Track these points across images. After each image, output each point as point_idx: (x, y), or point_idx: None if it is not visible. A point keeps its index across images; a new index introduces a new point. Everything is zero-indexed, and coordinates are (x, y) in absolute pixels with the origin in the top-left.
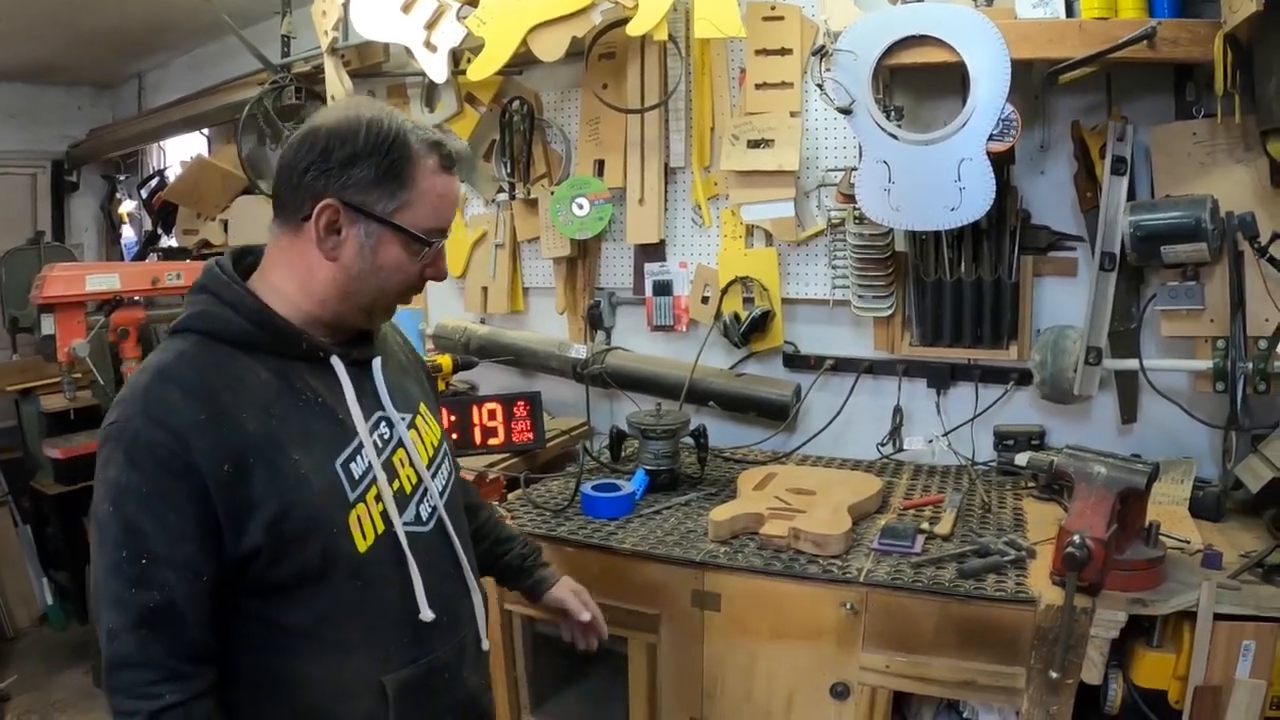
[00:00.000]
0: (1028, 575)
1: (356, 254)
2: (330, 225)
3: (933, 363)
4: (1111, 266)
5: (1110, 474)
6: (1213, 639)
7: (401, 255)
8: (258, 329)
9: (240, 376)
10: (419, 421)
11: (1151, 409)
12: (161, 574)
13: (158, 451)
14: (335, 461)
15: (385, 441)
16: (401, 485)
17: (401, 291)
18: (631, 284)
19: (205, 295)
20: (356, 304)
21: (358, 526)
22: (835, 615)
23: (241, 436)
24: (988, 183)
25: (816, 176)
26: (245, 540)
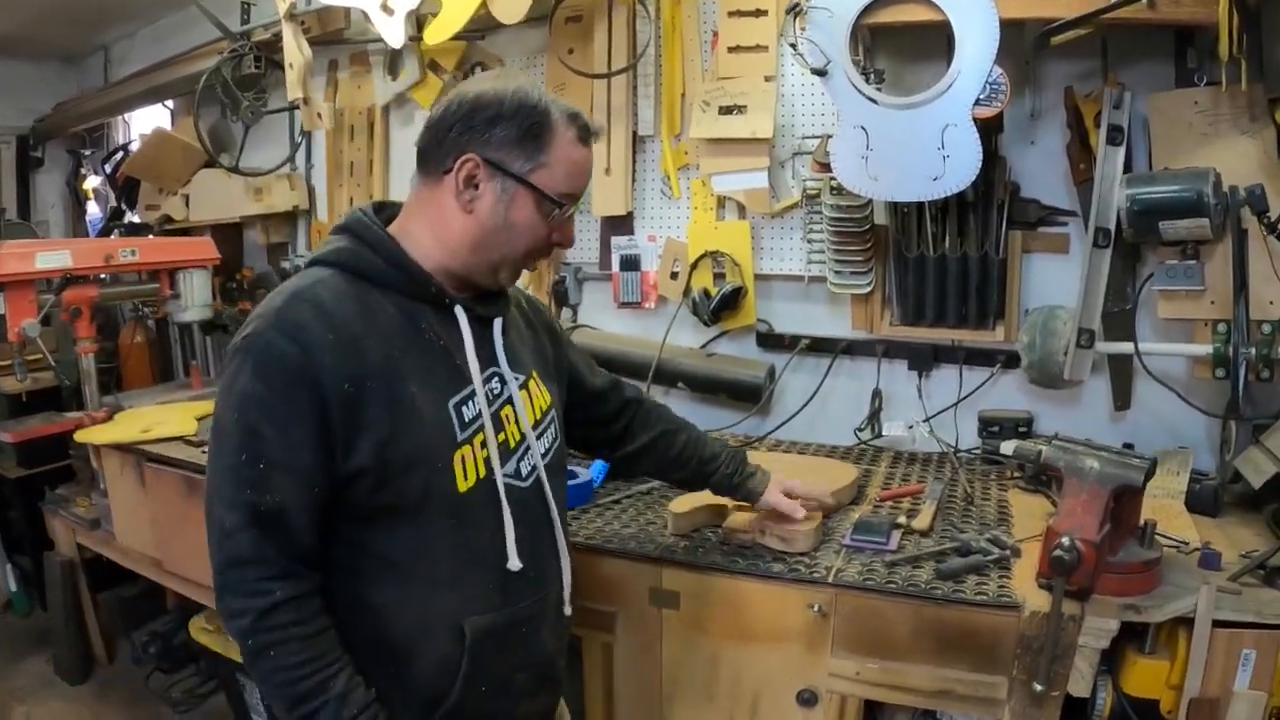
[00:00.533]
0: (1011, 577)
1: (491, 208)
2: (469, 178)
3: (914, 343)
4: (1106, 243)
5: (1104, 469)
6: (1210, 647)
7: (533, 215)
8: (392, 268)
9: (370, 308)
10: (531, 385)
11: (1146, 396)
12: (279, 478)
13: (287, 363)
14: (449, 401)
15: (495, 396)
16: (506, 439)
17: (529, 251)
18: (598, 259)
19: (347, 235)
20: (486, 258)
21: (460, 466)
22: (802, 617)
23: (364, 360)
24: (974, 151)
25: (792, 145)
26: (354, 459)
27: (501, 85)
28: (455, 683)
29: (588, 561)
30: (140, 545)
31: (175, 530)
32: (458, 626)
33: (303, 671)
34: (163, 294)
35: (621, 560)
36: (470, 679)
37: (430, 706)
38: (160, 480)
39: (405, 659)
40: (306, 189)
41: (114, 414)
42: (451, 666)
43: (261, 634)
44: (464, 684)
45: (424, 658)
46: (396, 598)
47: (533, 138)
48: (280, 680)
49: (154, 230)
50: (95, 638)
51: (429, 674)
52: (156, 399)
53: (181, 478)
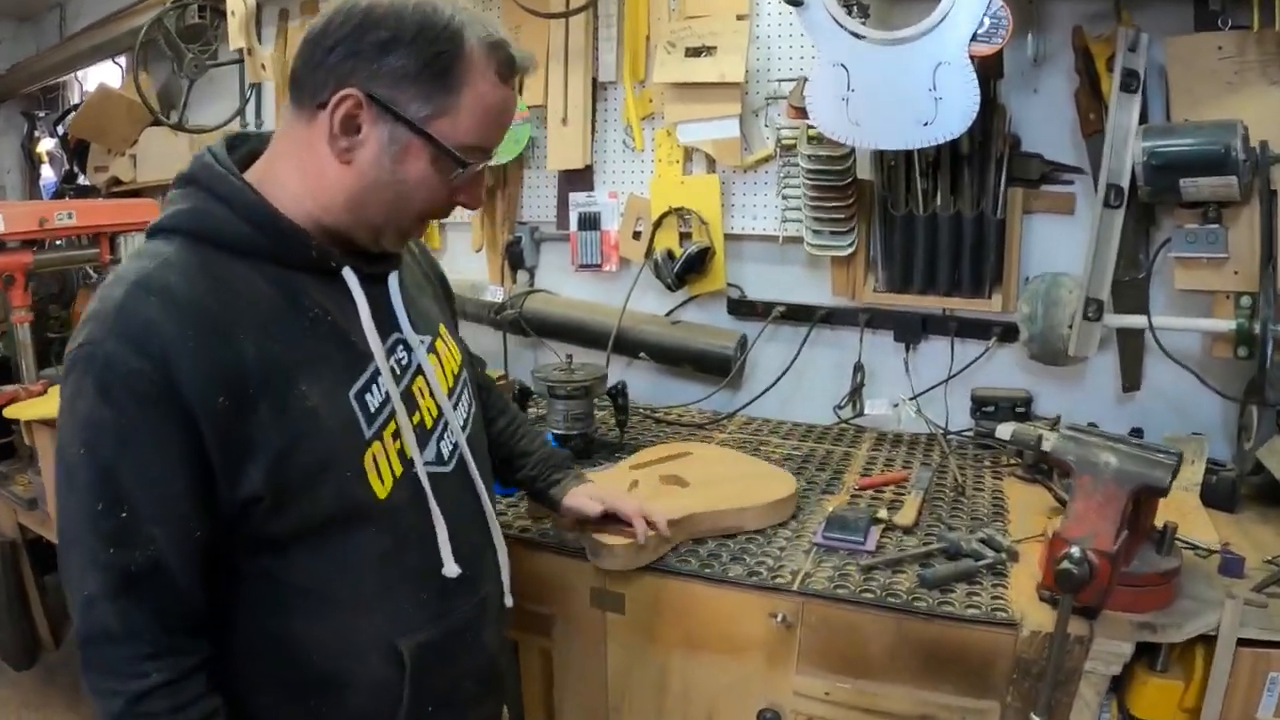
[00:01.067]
0: (1007, 586)
1: (375, 160)
2: (348, 121)
3: (901, 312)
4: (1119, 202)
5: (1122, 466)
6: (1234, 669)
7: (429, 172)
8: (258, 231)
9: (235, 288)
10: (439, 345)
11: (1157, 375)
12: (145, 529)
13: (135, 382)
14: (349, 391)
15: (403, 368)
16: (422, 419)
17: (422, 214)
18: (555, 217)
19: (195, 188)
20: (365, 219)
21: (374, 468)
22: (763, 627)
23: (238, 361)
24: (970, 93)
25: (767, 90)
26: (243, 486)
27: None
28: (398, 708)
29: (523, 556)
30: None
31: None
32: (392, 648)
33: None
34: (102, 259)
35: (560, 557)
36: (414, 701)
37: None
38: None
39: (336, 692)
40: None
41: (49, 387)
42: (391, 692)
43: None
44: (409, 708)
45: (358, 688)
46: (317, 627)
47: (438, 73)
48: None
49: (102, 193)
50: (40, 621)
51: (366, 704)
52: None
53: None
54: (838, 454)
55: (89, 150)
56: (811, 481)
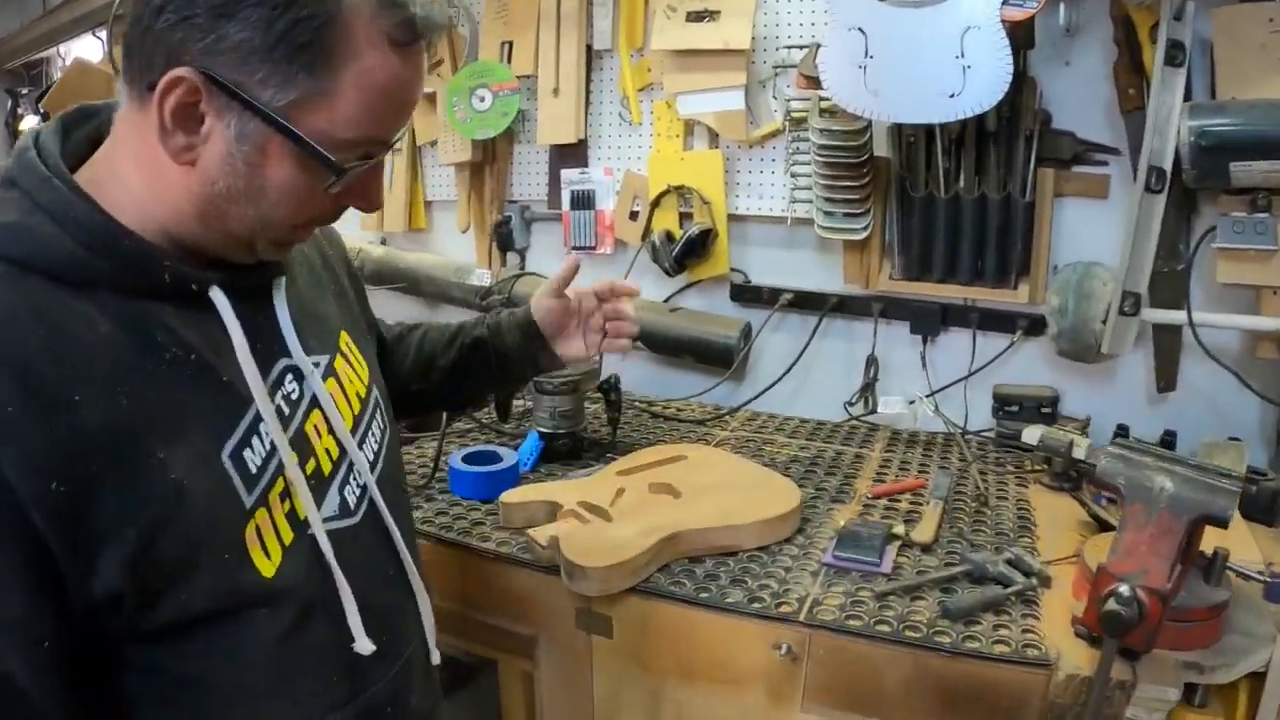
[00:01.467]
0: (1039, 617)
1: (223, 162)
2: (183, 110)
3: (919, 302)
4: (1160, 186)
5: (1179, 492)
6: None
7: (296, 176)
8: (92, 254)
9: (71, 333)
10: (340, 364)
11: (1193, 375)
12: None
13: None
14: (222, 451)
15: (293, 404)
16: (318, 465)
17: (300, 224)
18: (546, 196)
19: (16, 195)
20: (226, 233)
21: (258, 542)
22: (766, 659)
23: (75, 435)
24: (1002, 62)
25: (775, 58)
26: (96, 584)
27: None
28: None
29: (502, 572)
30: None
31: None
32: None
33: None
34: None
35: (541, 573)
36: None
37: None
38: None
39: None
40: None
41: None
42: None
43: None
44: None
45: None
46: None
47: (302, 45)
48: None
49: None
50: None
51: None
52: None
53: None
54: (848, 456)
55: None
56: (820, 488)
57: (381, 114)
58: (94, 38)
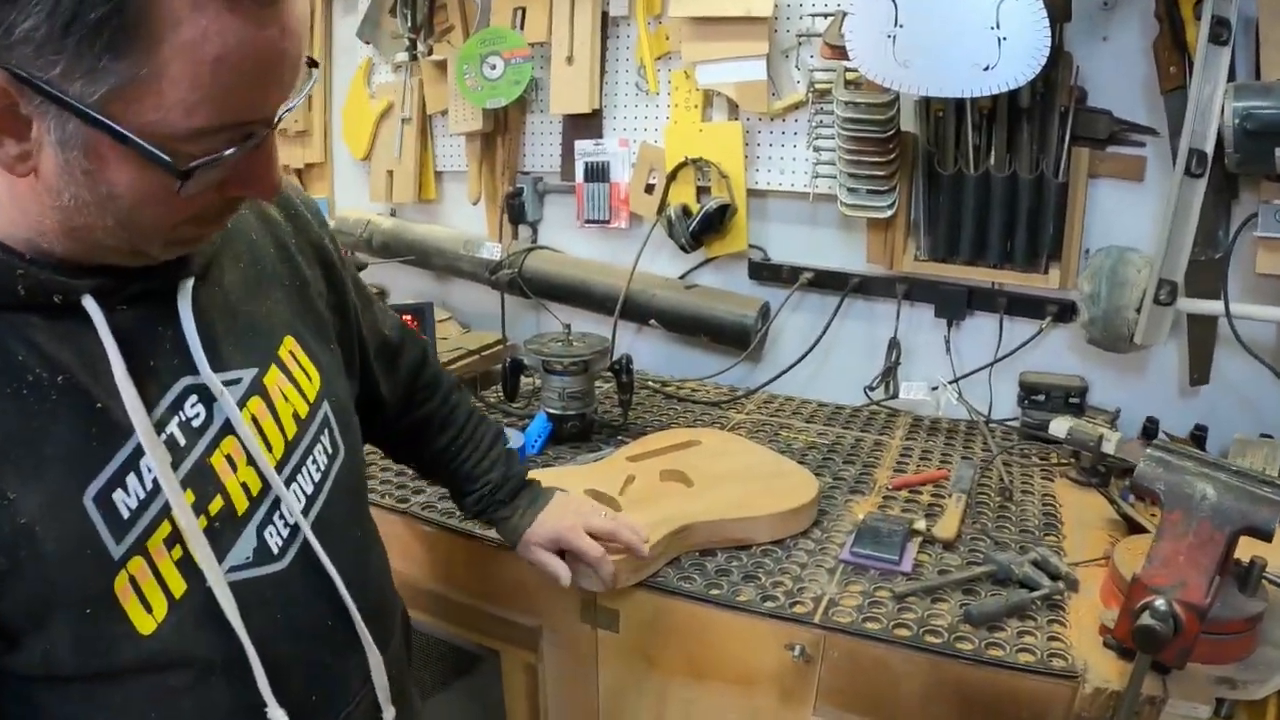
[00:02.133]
0: (1065, 624)
1: (60, 172)
2: (5, 115)
3: (944, 284)
4: (1201, 170)
5: (1222, 501)
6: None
7: (142, 181)
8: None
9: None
10: (273, 378)
11: (1227, 368)
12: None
13: None
14: (85, 493)
15: (195, 432)
16: (229, 503)
17: (181, 224)
18: (559, 167)
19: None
20: (97, 244)
21: (133, 594)
22: (778, 659)
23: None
24: (1039, 35)
25: (799, 26)
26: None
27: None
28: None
29: (505, 561)
30: None
31: None
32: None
33: None
34: None
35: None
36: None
37: None
38: None
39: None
40: None
41: None
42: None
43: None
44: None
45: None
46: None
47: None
48: None
49: None
50: None
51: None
52: None
53: None
54: (868, 443)
55: None
56: (838, 477)
57: (230, 89)
58: None
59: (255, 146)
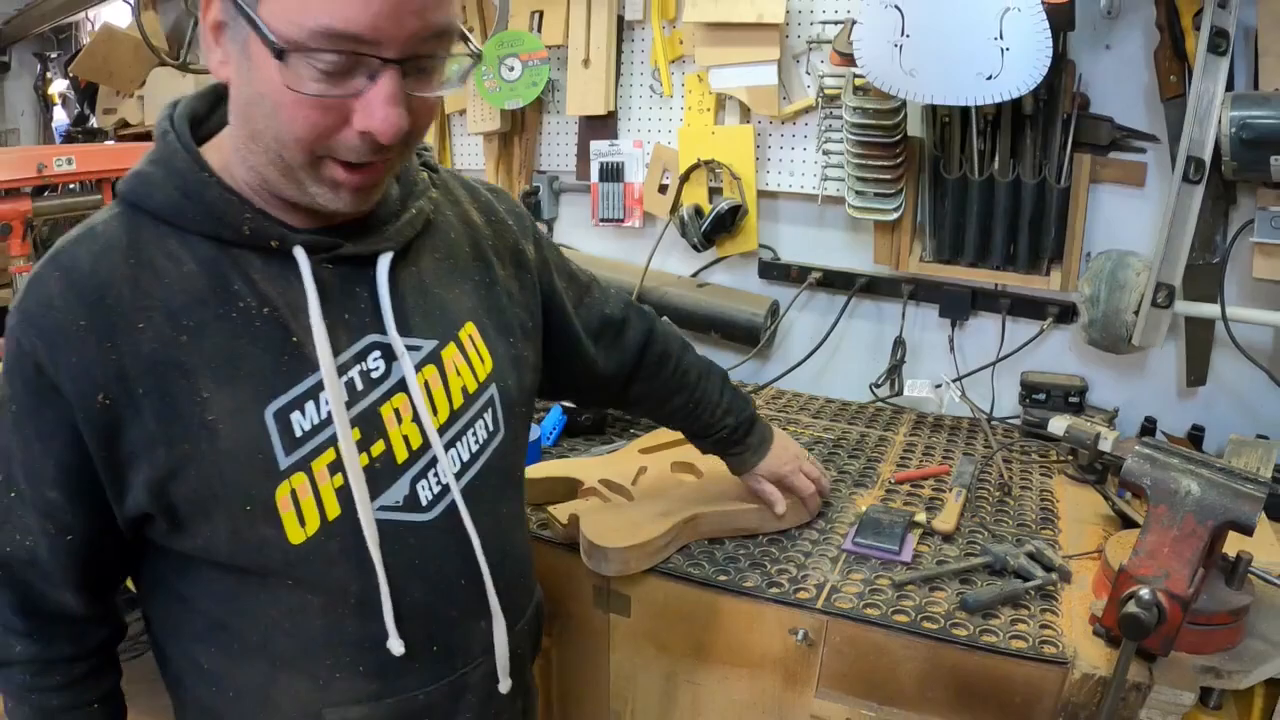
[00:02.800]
0: (1058, 613)
1: (236, 72)
2: (217, 27)
3: (949, 285)
4: (1199, 177)
5: (1205, 496)
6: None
7: (273, 76)
8: (187, 199)
9: (156, 267)
10: (450, 353)
11: (1224, 370)
12: (25, 516)
13: (24, 364)
14: (267, 406)
15: (372, 381)
16: (390, 449)
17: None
18: (575, 167)
19: (152, 148)
20: (266, 158)
21: (292, 505)
22: (782, 644)
23: (130, 354)
24: (1041, 44)
25: (809, 33)
26: (128, 500)
27: None
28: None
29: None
30: None
31: None
32: (317, 716)
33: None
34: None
35: (560, 549)
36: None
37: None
38: None
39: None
40: None
41: None
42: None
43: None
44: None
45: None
46: (232, 669)
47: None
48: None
49: (111, 135)
50: None
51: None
52: None
53: None
54: (873, 438)
55: (99, 91)
56: (843, 471)
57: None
58: (123, 2)
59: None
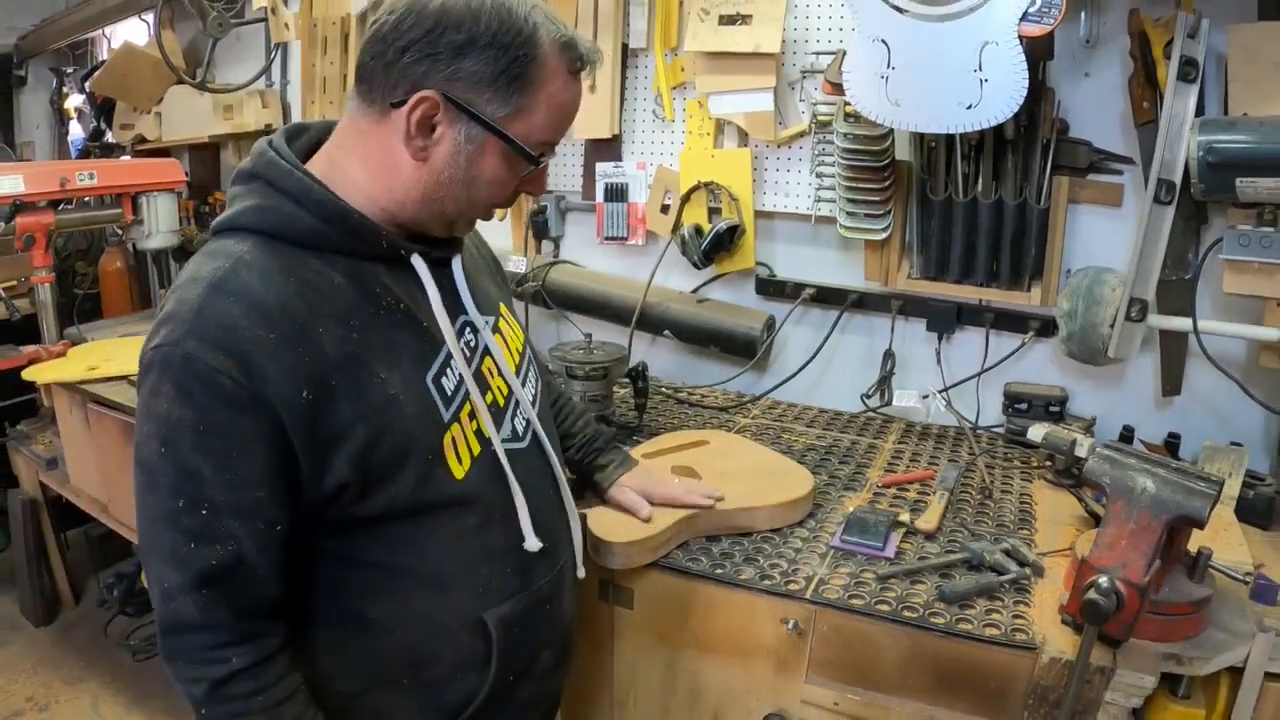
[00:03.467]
0: (1030, 604)
1: (449, 158)
2: (425, 121)
3: (935, 301)
4: (1169, 198)
5: (1159, 494)
6: (1259, 703)
7: (501, 168)
8: (327, 224)
9: (312, 283)
10: (502, 325)
11: (1199, 381)
12: (225, 525)
13: (217, 381)
14: (426, 377)
15: (472, 350)
16: (495, 398)
17: (490, 205)
18: (581, 187)
19: (260, 184)
20: (438, 211)
21: (453, 450)
22: (774, 632)
23: (320, 355)
24: (1018, 76)
25: (803, 62)
26: (330, 477)
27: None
28: (484, 680)
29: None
30: (89, 487)
31: (117, 475)
32: (479, 622)
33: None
34: (125, 220)
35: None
36: (499, 674)
37: (455, 711)
38: (102, 423)
39: (420, 668)
40: (281, 106)
41: (71, 347)
42: (477, 666)
43: (216, 704)
44: (494, 681)
45: (443, 662)
46: (402, 607)
47: (514, 76)
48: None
49: (128, 151)
50: (61, 578)
51: (452, 678)
52: (121, 330)
53: (123, 422)
54: (863, 445)
55: (116, 107)
56: (833, 475)
57: (559, 124)
58: (140, 21)
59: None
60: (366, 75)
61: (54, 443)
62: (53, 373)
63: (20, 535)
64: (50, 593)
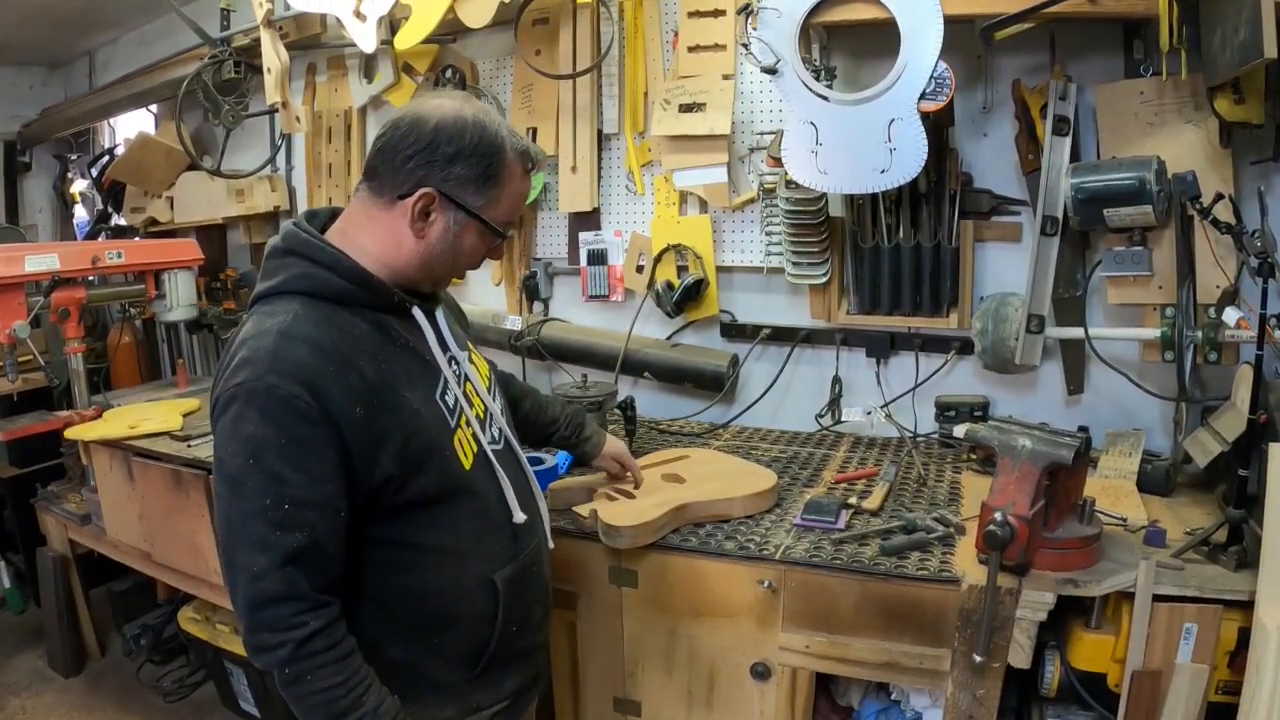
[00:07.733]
0: (955, 553)
1: (441, 236)
2: (424, 210)
3: (871, 331)
4: (1054, 231)
5: (1035, 447)
6: (1152, 621)
7: (477, 242)
8: (356, 286)
9: (348, 330)
10: (473, 357)
11: (1100, 380)
12: (304, 515)
13: (295, 404)
14: (434, 395)
15: (458, 377)
16: (477, 412)
17: (467, 268)
18: (566, 254)
19: (295, 258)
20: (430, 274)
21: (460, 448)
22: (753, 593)
23: (363, 381)
24: (919, 144)
25: (750, 140)
26: (378, 471)
27: (462, 115)
28: (494, 631)
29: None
30: (129, 538)
31: (162, 522)
32: (490, 583)
33: (338, 693)
34: (149, 295)
35: (583, 542)
36: (505, 624)
37: (475, 659)
38: (148, 474)
39: (448, 626)
40: (287, 190)
41: (103, 412)
42: (488, 620)
43: (298, 663)
44: (501, 630)
45: (464, 619)
46: (434, 576)
47: (489, 176)
48: (316, 702)
49: (139, 232)
50: (88, 631)
51: (470, 631)
52: (144, 397)
53: (169, 471)
54: (818, 455)
55: (124, 191)
56: (794, 478)
57: (517, 208)
58: (148, 112)
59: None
60: (376, 174)
61: (85, 500)
62: (96, 431)
63: (50, 591)
64: (78, 646)
